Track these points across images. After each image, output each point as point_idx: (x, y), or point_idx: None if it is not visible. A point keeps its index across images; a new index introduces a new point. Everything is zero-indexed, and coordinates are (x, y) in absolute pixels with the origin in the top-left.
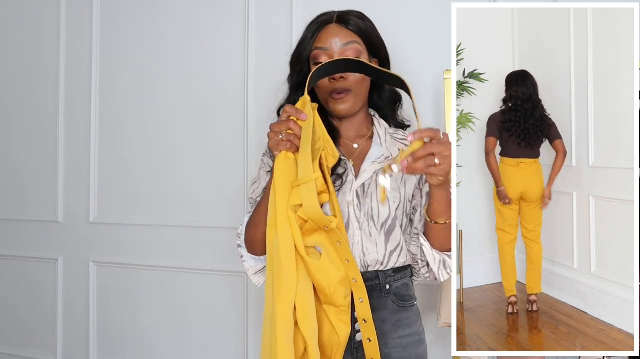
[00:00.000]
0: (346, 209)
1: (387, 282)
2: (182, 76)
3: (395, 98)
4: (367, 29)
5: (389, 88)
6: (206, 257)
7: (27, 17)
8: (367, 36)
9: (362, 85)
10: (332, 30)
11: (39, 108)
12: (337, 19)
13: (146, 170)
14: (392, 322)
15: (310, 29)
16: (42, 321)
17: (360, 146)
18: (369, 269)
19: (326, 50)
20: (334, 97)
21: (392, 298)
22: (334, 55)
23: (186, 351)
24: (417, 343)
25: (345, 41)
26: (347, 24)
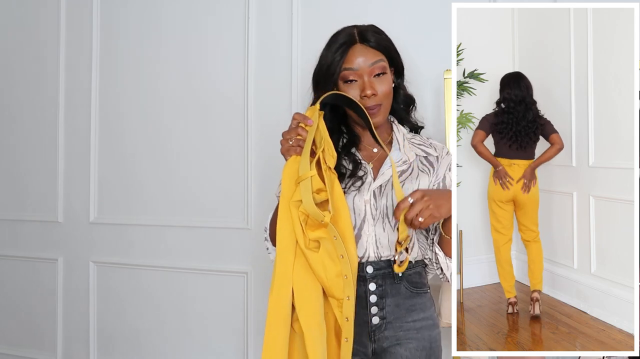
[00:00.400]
0: (363, 207)
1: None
2: (182, 76)
3: (409, 101)
4: (387, 43)
5: (403, 92)
6: (206, 257)
7: (27, 17)
8: (388, 51)
9: (389, 97)
10: (358, 50)
11: (39, 108)
12: (360, 39)
13: (146, 170)
14: (406, 307)
15: (336, 50)
16: (42, 321)
17: (380, 150)
18: (381, 259)
19: (356, 70)
20: (369, 112)
21: (405, 284)
22: (363, 74)
23: (186, 351)
24: (431, 327)
25: (372, 60)
26: (370, 42)
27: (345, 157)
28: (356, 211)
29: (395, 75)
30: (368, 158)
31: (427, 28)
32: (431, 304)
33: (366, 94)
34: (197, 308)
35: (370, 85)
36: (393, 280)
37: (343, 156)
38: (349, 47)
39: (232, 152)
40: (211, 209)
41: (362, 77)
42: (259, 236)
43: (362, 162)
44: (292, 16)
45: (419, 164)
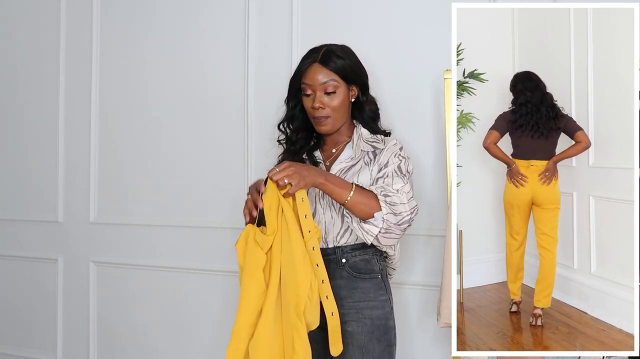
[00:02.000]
0: (314, 199)
1: (342, 256)
2: (182, 76)
3: (374, 116)
4: (345, 66)
5: (368, 107)
6: (206, 257)
7: (27, 18)
8: (344, 72)
9: (339, 111)
10: (314, 69)
11: (39, 108)
12: (320, 59)
13: (146, 170)
14: (348, 288)
15: (302, 65)
16: (42, 321)
17: (338, 150)
18: (328, 246)
19: (310, 85)
20: (316, 122)
21: (347, 269)
22: (316, 89)
23: (186, 350)
24: (372, 308)
25: (324, 80)
26: (327, 64)
27: (306, 157)
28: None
29: (360, 91)
30: (327, 157)
31: (427, 28)
32: (377, 289)
33: (314, 106)
34: (196, 308)
35: (320, 99)
36: (337, 265)
37: (306, 155)
38: (310, 64)
39: (231, 152)
40: (211, 209)
41: (315, 91)
42: None
43: (319, 162)
44: (292, 16)
45: (365, 158)
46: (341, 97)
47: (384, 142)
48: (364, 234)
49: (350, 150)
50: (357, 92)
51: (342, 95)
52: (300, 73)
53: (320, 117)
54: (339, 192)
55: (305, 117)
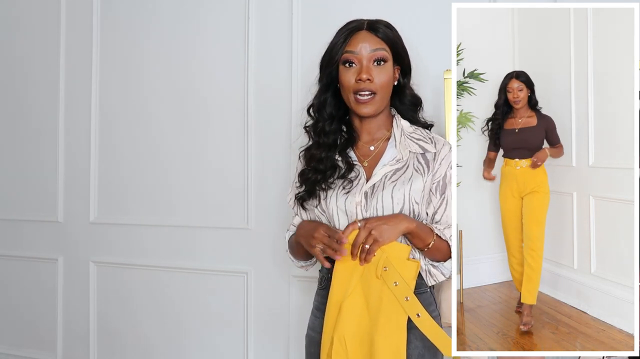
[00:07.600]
0: (354, 209)
1: None
2: (183, 76)
3: (415, 102)
4: (395, 38)
5: (409, 92)
6: (206, 257)
7: (27, 18)
8: (393, 45)
9: (386, 90)
10: (362, 36)
11: (39, 108)
12: (367, 26)
13: (146, 170)
14: None
15: (342, 34)
16: (42, 321)
17: (377, 148)
18: None
19: (356, 54)
20: (358, 100)
21: None
22: (363, 59)
23: (186, 351)
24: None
25: (374, 47)
26: (377, 32)
27: (339, 157)
28: (348, 213)
29: (401, 74)
30: (365, 156)
31: (427, 28)
32: (429, 304)
33: (361, 77)
34: (197, 308)
35: (367, 70)
36: None
37: (338, 155)
38: (355, 32)
39: (232, 152)
40: (211, 209)
41: (361, 62)
42: (259, 236)
43: (355, 164)
44: (292, 16)
45: (415, 162)
46: (389, 71)
47: (433, 143)
48: (428, 276)
49: (393, 149)
50: (398, 75)
51: (390, 71)
52: (340, 43)
53: (365, 92)
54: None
55: (338, 104)
